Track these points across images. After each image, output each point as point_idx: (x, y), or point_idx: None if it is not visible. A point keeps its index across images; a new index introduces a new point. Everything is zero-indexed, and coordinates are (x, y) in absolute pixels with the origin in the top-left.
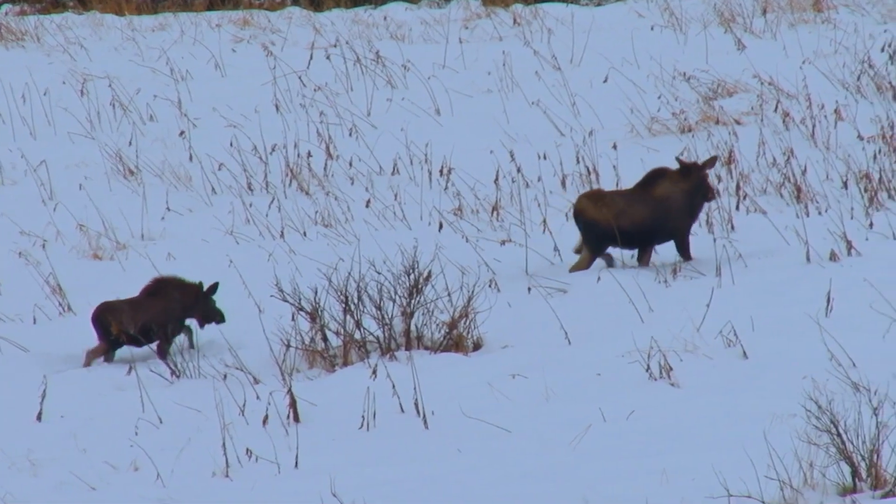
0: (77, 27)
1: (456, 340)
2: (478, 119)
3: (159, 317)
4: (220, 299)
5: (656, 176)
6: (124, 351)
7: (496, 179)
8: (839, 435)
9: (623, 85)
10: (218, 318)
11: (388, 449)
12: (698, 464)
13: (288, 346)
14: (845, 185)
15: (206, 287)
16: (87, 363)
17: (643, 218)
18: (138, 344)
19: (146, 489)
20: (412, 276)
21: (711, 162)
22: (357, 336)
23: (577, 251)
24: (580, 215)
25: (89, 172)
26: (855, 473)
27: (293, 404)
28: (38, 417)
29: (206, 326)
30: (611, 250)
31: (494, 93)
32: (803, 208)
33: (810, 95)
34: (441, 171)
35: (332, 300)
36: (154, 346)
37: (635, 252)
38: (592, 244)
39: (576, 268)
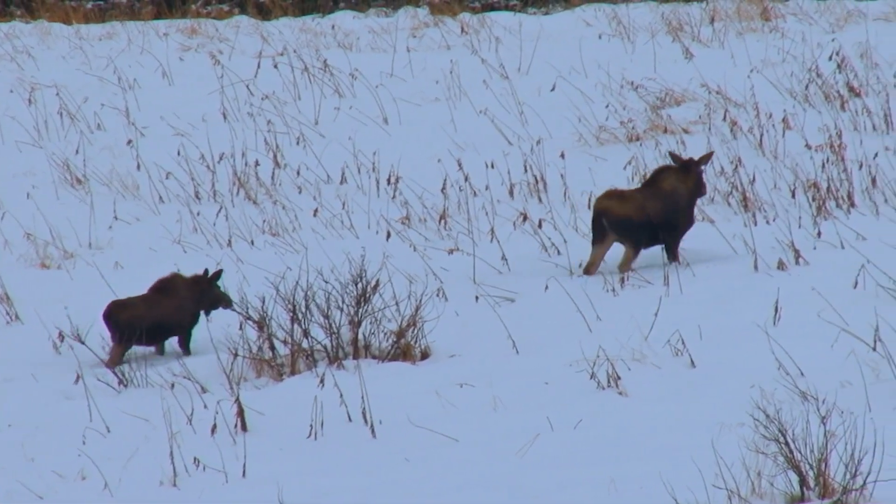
0: (25, 36)
1: (403, 349)
2: (425, 128)
3: (174, 313)
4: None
5: (662, 172)
6: (76, 357)
7: (444, 188)
8: (787, 444)
9: (571, 94)
10: (225, 302)
11: (335, 458)
12: (646, 473)
13: (235, 355)
14: (793, 194)
15: (210, 274)
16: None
17: (658, 212)
18: (150, 342)
19: (94, 498)
20: (360, 285)
21: (707, 157)
22: (305, 345)
23: (588, 271)
24: (605, 215)
25: (37, 181)
26: (803, 482)
27: (241, 413)
28: None
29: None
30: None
31: (442, 101)
32: (751, 217)
33: (758, 104)
34: (389, 180)
35: (279, 309)
36: (154, 348)
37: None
38: (633, 240)
39: (623, 266)
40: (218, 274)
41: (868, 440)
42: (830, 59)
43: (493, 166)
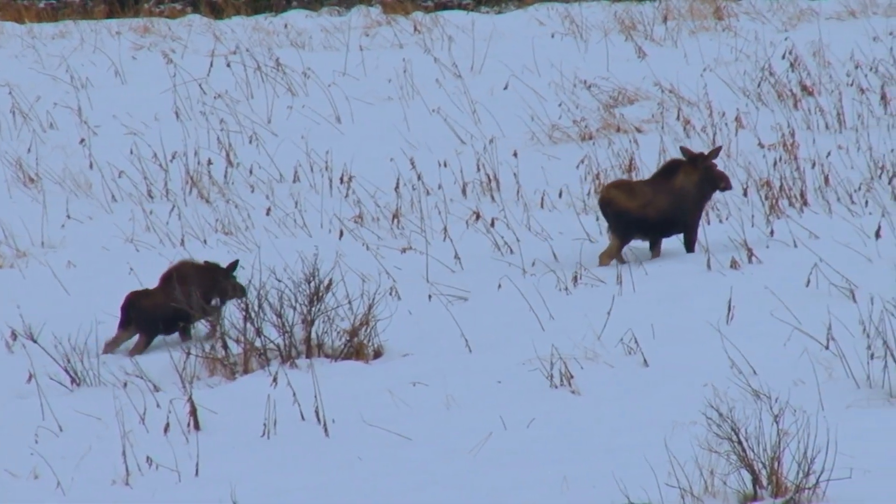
0: None
1: (357, 348)
2: (378, 127)
3: (185, 301)
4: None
5: (674, 166)
6: (29, 356)
7: (397, 187)
8: (740, 442)
9: (524, 92)
10: (239, 293)
11: (288, 457)
12: (599, 471)
13: (188, 353)
14: (746, 192)
15: (225, 265)
16: (116, 346)
17: (665, 207)
18: (168, 331)
19: (46, 497)
20: (313, 284)
21: (716, 152)
22: (257, 344)
23: (605, 261)
24: (609, 205)
25: None
26: (756, 481)
27: (193, 412)
28: None
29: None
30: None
31: (395, 100)
32: (704, 216)
33: (711, 103)
34: (342, 179)
35: (232, 308)
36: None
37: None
38: (622, 232)
39: (605, 256)
40: (233, 266)
41: (821, 439)
42: (783, 57)
43: (445, 165)
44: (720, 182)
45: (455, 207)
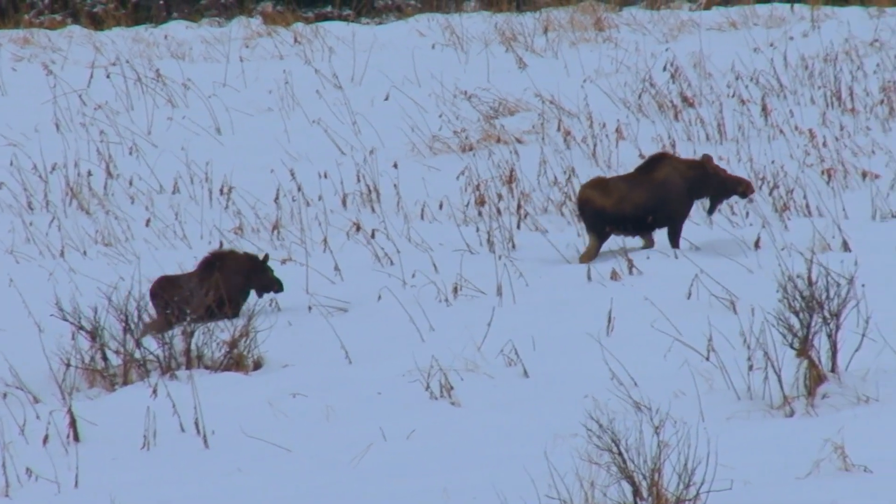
0: None
1: (236, 359)
2: (259, 138)
3: (221, 287)
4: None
5: (657, 160)
6: None
7: (277, 198)
8: (620, 454)
9: (404, 103)
10: (276, 286)
11: (168, 468)
12: (479, 483)
13: (68, 365)
14: None
15: (261, 257)
16: (143, 335)
17: (643, 201)
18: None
19: None
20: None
21: (708, 159)
22: (137, 355)
23: (586, 261)
24: (587, 205)
25: None
26: (636, 492)
27: (73, 424)
28: None
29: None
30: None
31: (275, 111)
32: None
33: (592, 114)
34: (221, 190)
35: (112, 319)
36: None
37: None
38: (598, 231)
39: (585, 257)
40: (266, 258)
41: (701, 450)
42: (664, 69)
43: (326, 176)
44: (737, 186)
45: (335, 219)
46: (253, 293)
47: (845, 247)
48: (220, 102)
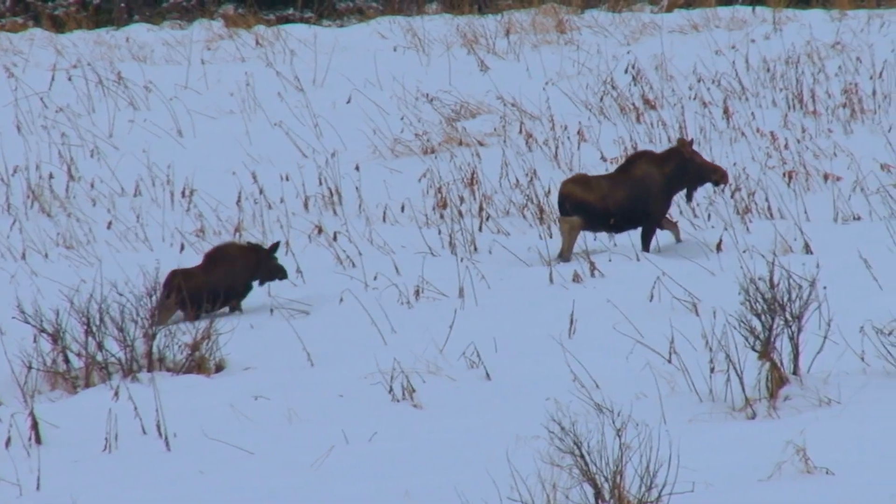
0: None
1: (198, 362)
2: (220, 140)
3: (226, 280)
4: None
5: (636, 158)
6: None
7: (238, 201)
8: (582, 456)
9: (366, 106)
10: (280, 274)
11: (130, 470)
12: (441, 485)
13: (30, 367)
14: None
15: (267, 247)
16: (163, 322)
17: (624, 199)
18: (209, 309)
19: None
20: (154, 298)
21: (688, 142)
22: (99, 358)
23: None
24: (568, 199)
25: None
26: (598, 495)
27: (35, 426)
28: None
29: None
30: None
31: (237, 114)
32: (546, 229)
33: (553, 116)
34: (183, 193)
35: (73, 322)
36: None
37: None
38: (585, 226)
39: (566, 252)
40: (275, 247)
41: (663, 452)
42: (626, 71)
43: (287, 179)
44: (712, 174)
45: (297, 221)
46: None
47: (807, 249)
48: (181, 105)
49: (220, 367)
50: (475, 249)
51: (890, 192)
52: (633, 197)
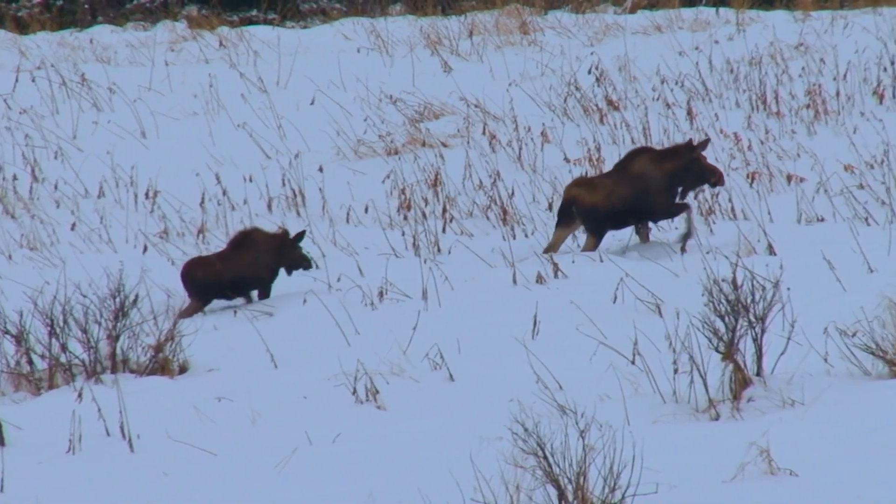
0: None
1: (162, 364)
2: (184, 142)
3: (250, 268)
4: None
5: (634, 154)
6: None
7: (202, 202)
8: (546, 458)
9: (329, 107)
10: (306, 264)
11: (94, 472)
12: (404, 486)
13: None
14: (551, 207)
15: (292, 235)
16: (189, 314)
17: (627, 196)
18: (229, 297)
19: None
20: (118, 300)
21: (704, 143)
22: (63, 359)
23: (549, 251)
24: (574, 203)
25: None
26: (562, 496)
27: None
28: None
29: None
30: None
31: (200, 115)
32: (510, 231)
33: (517, 118)
34: (147, 194)
35: (37, 323)
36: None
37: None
38: (595, 228)
39: (552, 248)
40: (300, 235)
41: (627, 454)
42: (589, 72)
43: (251, 180)
44: (710, 176)
45: (261, 222)
46: (282, 272)
47: (770, 250)
48: (145, 106)
49: (183, 369)
50: (439, 251)
51: (853, 193)
52: (635, 193)
